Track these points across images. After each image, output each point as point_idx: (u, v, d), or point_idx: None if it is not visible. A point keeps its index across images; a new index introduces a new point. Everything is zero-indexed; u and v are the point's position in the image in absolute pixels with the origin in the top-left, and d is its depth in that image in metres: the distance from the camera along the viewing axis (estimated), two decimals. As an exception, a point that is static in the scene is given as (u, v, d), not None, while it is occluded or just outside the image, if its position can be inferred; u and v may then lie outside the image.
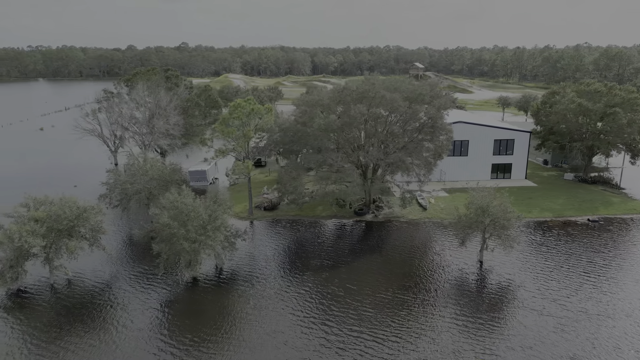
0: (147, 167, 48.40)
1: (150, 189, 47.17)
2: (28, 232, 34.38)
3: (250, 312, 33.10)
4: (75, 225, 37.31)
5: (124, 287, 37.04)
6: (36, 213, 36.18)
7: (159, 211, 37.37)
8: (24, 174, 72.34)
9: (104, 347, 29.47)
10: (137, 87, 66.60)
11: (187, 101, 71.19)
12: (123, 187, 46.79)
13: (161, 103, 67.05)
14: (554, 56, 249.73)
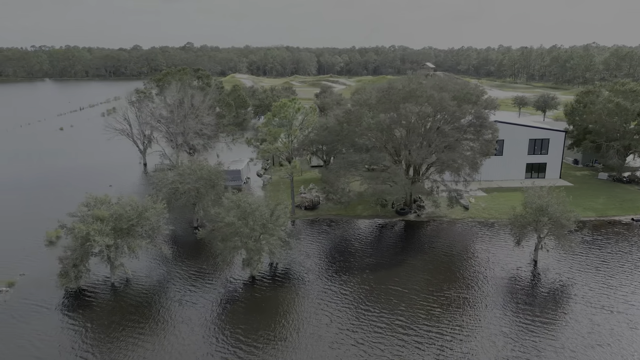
0: (195, 167, 48.62)
1: (199, 189, 47.37)
2: (95, 231, 34.58)
3: (310, 309, 33.29)
4: (135, 225, 37.46)
5: (181, 286, 37.22)
6: (100, 212, 36.35)
7: (221, 210, 37.54)
8: (57, 174, 72.49)
9: (163, 345, 29.59)
10: (171, 86, 66.75)
11: (218, 101, 71.36)
12: (172, 187, 46.93)
13: (194, 102, 67.23)
14: (563, 56, 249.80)
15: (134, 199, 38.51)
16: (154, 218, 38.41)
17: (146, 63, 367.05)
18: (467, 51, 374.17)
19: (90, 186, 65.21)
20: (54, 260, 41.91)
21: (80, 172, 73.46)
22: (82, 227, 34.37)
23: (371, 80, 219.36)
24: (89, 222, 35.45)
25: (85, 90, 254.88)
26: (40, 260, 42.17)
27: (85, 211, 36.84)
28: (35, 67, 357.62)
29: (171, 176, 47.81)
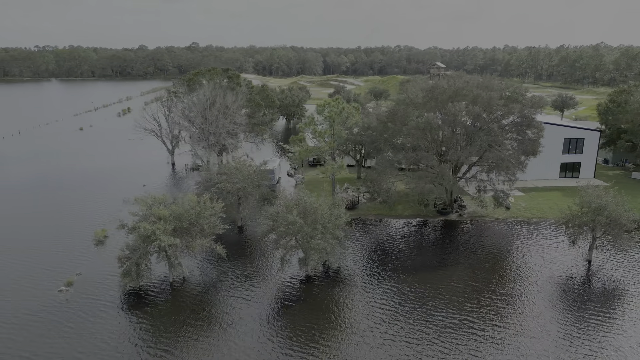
0: (240, 166, 48.74)
1: (246, 188, 47.47)
2: (161, 231, 34.65)
3: (371, 308, 33.37)
4: (195, 224, 37.51)
5: (235, 285, 37.32)
6: (161, 211, 36.41)
7: (281, 209, 37.60)
8: (88, 174, 72.54)
9: (220, 345, 29.66)
10: (203, 86, 66.78)
11: (248, 101, 71.43)
12: (220, 186, 46.97)
13: (227, 102, 67.29)
14: (572, 56, 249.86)
15: (192, 198, 38.54)
16: (212, 217, 38.48)
17: (152, 63, 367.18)
18: (473, 51, 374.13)
19: (123, 186, 65.45)
20: (106, 259, 42.27)
21: (109, 172, 73.54)
22: (148, 226, 34.43)
23: (381, 80, 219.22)
24: (151, 221, 35.51)
25: (93, 90, 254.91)
26: (93, 260, 42.28)
27: (145, 210, 36.86)
28: (42, 67, 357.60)
29: (217, 176, 47.87)
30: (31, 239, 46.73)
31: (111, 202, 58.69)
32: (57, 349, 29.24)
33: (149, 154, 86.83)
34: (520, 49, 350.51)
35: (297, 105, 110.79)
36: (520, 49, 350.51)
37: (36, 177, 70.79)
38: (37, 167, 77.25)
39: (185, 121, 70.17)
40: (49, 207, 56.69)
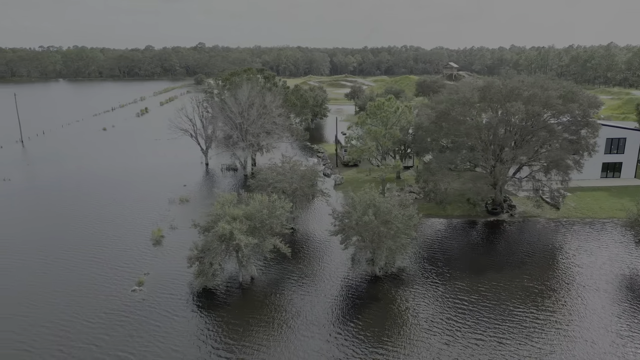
0: (293, 166, 48.78)
1: (303, 188, 47.51)
2: (239, 231, 34.69)
3: (446, 308, 33.41)
4: (267, 224, 37.51)
5: (303, 284, 37.38)
6: (235, 211, 36.45)
7: (350, 209, 37.61)
8: (125, 174, 72.56)
9: (290, 345, 29.74)
10: (242, 87, 66.84)
11: (285, 101, 71.47)
12: (276, 186, 46.97)
13: (265, 102, 67.36)
14: (583, 56, 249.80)
15: (264, 198, 38.54)
16: (283, 217, 38.51)
17: (159, 63, 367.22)
18: (480, 51, 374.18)
19: (163, 186, 65.50)
20: (169, 258, 42.35)
21: (145, 172, 73.56)
22: (226, 226, 34.44)
23: (394, 80, 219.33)
24: (226, 220, 35.50)
25: (103, 90, 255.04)
26: (156, 259, 42.34)
27: (219, 210, 36.84)
28: (49, 68, 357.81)
29: (274, 175, 47.90)
30: (91, 238, 46.77)
31: (156, 202, 58.78)
32: (151, 347, 29.30)
33: (180, 154, 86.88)
34: (528, 49, 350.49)
35: (320, 105, 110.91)
36: (528, 49, 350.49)
37: (76, 177, 70.81)
38: (73, 167, 77.27)
39: (222, 121, 70.03)
40: (98, 207, 56.72)
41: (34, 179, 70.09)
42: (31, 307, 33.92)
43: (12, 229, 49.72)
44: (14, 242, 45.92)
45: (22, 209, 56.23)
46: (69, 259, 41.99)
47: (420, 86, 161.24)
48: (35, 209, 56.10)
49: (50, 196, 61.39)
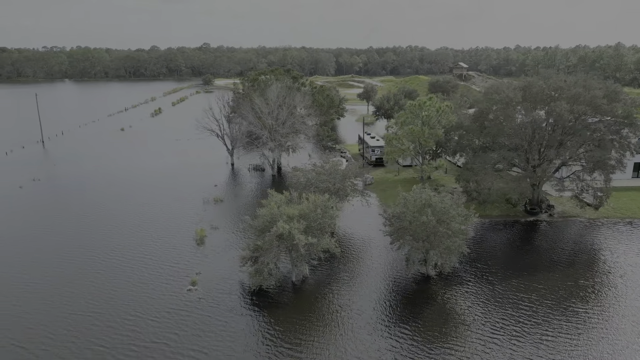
0: (330, 167, 48.76)
1: (345, 188, 47.51)
2: (298, 230, 34.67)
3: (505, 308, 33.42)
4: (322, 223, 37.49)
5: (353, 283, 37.38)
6: (290, 210, 36.42)
7: (404, 209, 37.58)
8: (156, 174, 72.53)
9: (344, 343, 29.77)
10: (271, 87, 66.85)
11: (312, 101, 71.52)
12: (320, 186, 46.94)
13: (295, 102, 67.37)
14: (591, 56, 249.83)
15: (317, 197, 38.52)
16: (335, 217, 38.49)
17: (165, 64, 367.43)
18: (486, 51, 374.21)
19: (194, 186, 65.51)
20: (217, 257, 42.30)
21: (173, 172, 73.54)
22: (285, 225, 34.41)
23: (404, 80, 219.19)
24: (284, 220, 35.47)
25: (110, 91, 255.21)
26: (203, 259, 42.32)
27: (275, 209, 36.78)
28: (55, 68, 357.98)
29: (317, 176, 47.89)
30: (137, 238, 46.79)
31: (191, 202, 58.79)
32: (222, 347, 29.29)
33: (202, 155, 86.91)
34: (532, 49, 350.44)
35: (339, 105, 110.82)
36: (532, 49, 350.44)
37: (103, 177, 70.79)
38: (99, 167, 77.26)
39: (251, 122, 69.87)
40: (135, 207, 56.72)
41: (63, 178, 70.08)
42: (95, 305, 33.99)
43: (55, 229, 49.72)
44: (61, 242, 45.93)
45: (60, 209, 56.20)
46: (120, 258, 42.03)
47: (432, 86, 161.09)
48: (73, 209, 56.07)
49: (84, 196, 61.37)
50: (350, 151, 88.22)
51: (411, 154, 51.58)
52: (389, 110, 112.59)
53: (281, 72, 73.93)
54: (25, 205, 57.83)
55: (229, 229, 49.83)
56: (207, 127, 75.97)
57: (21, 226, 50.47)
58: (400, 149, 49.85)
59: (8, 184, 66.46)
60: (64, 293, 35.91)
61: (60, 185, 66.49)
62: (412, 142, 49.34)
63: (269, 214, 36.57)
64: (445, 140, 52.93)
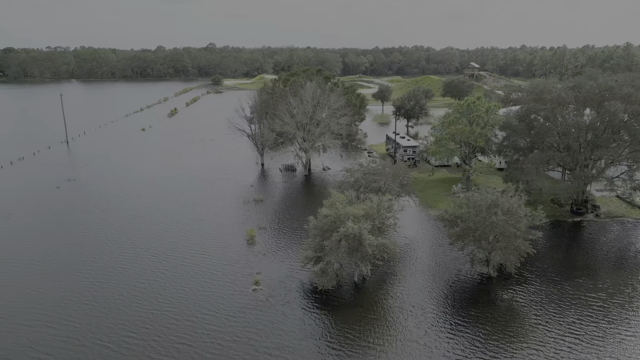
0: (379, 167, 48.83)
1: (394, 187, 47.50)
2: (367, 230, 34.65)
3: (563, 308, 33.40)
4: (384, 224, 37.51)
5: (416, 283, 37.36)
6: (356, 209, 36.39)
7: (470, 209, 37.54)
8: (189, 175, 72.45)
9: (404, 340, 29.80)
10: (306, 87, 66.83)
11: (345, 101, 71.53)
12: (370, 186, 46.94)
13: (330, 103, 67.37)
14: (601, 56, 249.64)
15: (380, 197, 38.46)
16: (397, 216, 38.46)
17: (171, 64, 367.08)
18: (493, 51, 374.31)
19: (230, 186, 65.50)
20: (272, 257, 42.23)
21: (206, 173, 73.45)
22: (354, 226, 34.36)
23: (414, 80, 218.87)
24: (353, 220, 35.42)
25: (120, 91, 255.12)
26: (259, 258, 42.29)
27: (341, 209, 36.71)
28: (62, 68, 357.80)
29: (367, 176, 47.92)
30: (190, 237, 46.85)
31: (232, 202, 58.86)
32: (307, 344, 29.28)
33: (231, 155, 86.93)
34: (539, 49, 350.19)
35: (361, 106, 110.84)
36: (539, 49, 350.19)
37: (138, 178, 70.77)
38: (130, 168, 77.26)
39: (285, 122, 69.74)
40: (180, 207, 56.75)
41: (98, 179, 69.99)
42: (168, 303, 34.07)
43: (108, 229, 49.68)
44: (118, 243, 45.91)
45: (106, 210, 56.11)
46: (180, 257, 42.10)
47: (447, 86, 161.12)
48: (121, 209, 56.01)
49: (125, 196, 61.26)
50: (378, 151, 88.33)
51: (460, 154, 51.31)
52: (409, 110, 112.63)
53: (313, 72, 73.86)
54: (67, 205, 57.78)
55: (276, 228, 49.84)
56: (238, 127, 75.87)
57: (70, 226, 50.51)
58: (448, 149, 49.82)
59: (45, 185, 66.46)
60: (135, 291, 35.97)
61: (97, 186, 66.39)
62: (460, 142, 49.35)
63: (334, 214, 36.51)
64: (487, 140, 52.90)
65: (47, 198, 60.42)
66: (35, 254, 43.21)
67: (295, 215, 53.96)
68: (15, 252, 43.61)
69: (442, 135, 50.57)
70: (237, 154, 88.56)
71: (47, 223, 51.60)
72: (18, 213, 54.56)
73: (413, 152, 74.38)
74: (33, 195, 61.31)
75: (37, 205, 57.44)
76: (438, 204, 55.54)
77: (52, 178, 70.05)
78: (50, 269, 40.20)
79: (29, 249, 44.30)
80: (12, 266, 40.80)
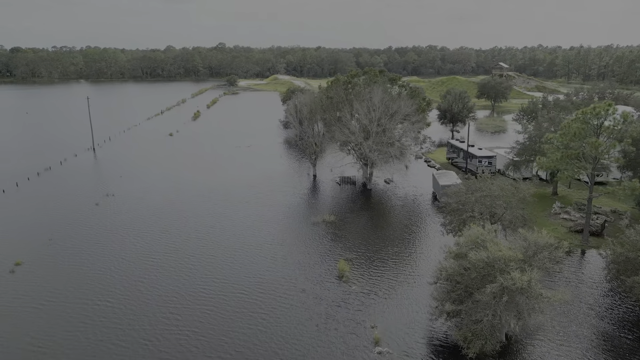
0: (504, 185, 41.03)
1: (517, 212, 39.75)
2: (536, 281, 26.97)
3: None
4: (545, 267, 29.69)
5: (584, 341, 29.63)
6: (512, 253, 28.63)
7: None
8: (241, 187, 64.86)
9: None
10: (374, 91, 59.11)
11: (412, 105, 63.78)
12: (491, 210, 39.17)
13: (402, 109, 59.72)
14: (629, 56, 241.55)
15: (537, 235, 30.48)
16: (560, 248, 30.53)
17: (182, 64, 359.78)
18: (511, 50, 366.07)
19: (287, 202, 57.91)
20: (382, 303, 34.38)
21: (256, 185, 65.82)
22: (524, 277, 26.53)
23: (440, 81, 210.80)
24: (521, 269, 27.61)
25: (132, 92, 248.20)
26: (367, 302, 34.62)
27: (496, 251, 28.73)
28: (70, 69, 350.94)
29: (465, 197, 40.27)
30: (275, 267, 39.08)
31: (298, 223, 51.70)
32: None
33: (277, 164, 79.45)
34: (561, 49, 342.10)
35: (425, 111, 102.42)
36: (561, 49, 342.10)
37: (182, 190, 63.15)
38: (169, 178, 69.66)
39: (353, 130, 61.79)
40: (242, 225, 49.21)
41: (139, 192, 62.29)
42: None
43: (173, 256, 42.05)
44: (192, 274, 38.29)
45: (160, 230, 48.41)
46: (269, 296, 34.41)
47: (483, 88, 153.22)
48: (178, 230, 48.38)
49: (181, 214, 53.47)
50: (437, 160, 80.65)
51: (587, 168, 43.16)
52: (457, 115, 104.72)
53: (375, 73, 66.23)
54: (114, 225, 50.14)
55: (366, 259, 42.19)
56: (287, 135, 68.19)
57: (127, 252, 42.86)
58: (574, 165, 41.97)
59: (81, 201, 58.84)
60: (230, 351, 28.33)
61: (142, 201, 58.63)
62: (581, 156, 41.62)
63: (485, 259, 28.62)
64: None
65: (88, 217, 52.78)
66: (92, 290, 35.56)
67: (378, 240, 46.53)
68: (65, 291, 35.94)
69: (564, 147, 42.73)
70: (282, 163, 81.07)
71: (96, 249, 43.94)
72: (58, 237, 47.01)
73: (489, 163, 66.64)
74: (71, 215, 53.65)
75: (78, 227, 49.85)
76: (541, 227, 47.77)
77: (87, 192, 62.53)
78: (118, 313, 32.55)
79: (81, 283, 36.65)
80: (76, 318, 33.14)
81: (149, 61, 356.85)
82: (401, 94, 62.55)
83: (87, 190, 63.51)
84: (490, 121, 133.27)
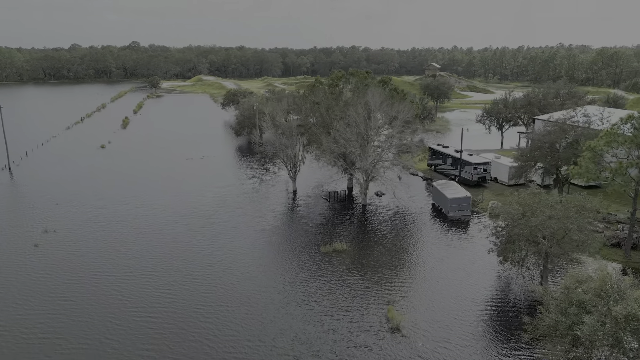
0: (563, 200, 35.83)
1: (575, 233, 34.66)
2: None
3: None
4: None
5: None
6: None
7: None
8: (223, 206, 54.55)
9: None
10: (372, 94, 52.23)
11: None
12: (550, 234, 33.83)
13: (400, 114, 53.61)
14: (542, 56, 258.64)
15: None
16: None
17: (92, 64, 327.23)
18: (431, 51, 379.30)
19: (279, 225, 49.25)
20: None
21: (235, 205, 56.06)
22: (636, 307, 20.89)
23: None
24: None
25: (35, 97, 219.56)
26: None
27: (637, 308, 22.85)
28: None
29: (517, 216, 34.83)
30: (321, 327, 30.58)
31: (298, 253, 43.31)
32: None
33: (246, 179, 69.80)
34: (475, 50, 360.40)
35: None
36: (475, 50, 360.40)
37: (147, 221, 51.60)
38: (119, 202, 57.30)
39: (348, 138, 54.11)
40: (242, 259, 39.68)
41: (87, 226, 49.71)
42: None
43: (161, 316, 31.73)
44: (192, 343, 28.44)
45: (134, 276, 37.46)
46: None
47: (427, 88, 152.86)
48: (156, 277, 37.66)
49: (152, 254, 42.42)
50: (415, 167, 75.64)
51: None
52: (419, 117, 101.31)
53: (363, 74, 59.22)
54: (66, 276, 38.15)
55: (411, 301, 35.07)
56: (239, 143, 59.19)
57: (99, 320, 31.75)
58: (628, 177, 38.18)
59: (15, 244, 45.28)
60: None
61: (93, 237, 46.50)
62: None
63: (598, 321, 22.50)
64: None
65: (28, 267, 40.11)
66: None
67: (414, 272, 39.74)
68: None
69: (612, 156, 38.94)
70: (250, 176, 71.57)
71: (54, 321, 32.31)
72: (-8, 301, 34.42)
73: (484, 170, 62.64)
74: (4, 264, 40.60)
75: (16, 279, 37.34)
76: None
77: (20, 231, 48.76)
78: None
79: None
80: None
81: (52, 61, 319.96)
82: (394, 96, 56.11)
83: (18, 227, 49.63)
84: (437, 121, 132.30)
